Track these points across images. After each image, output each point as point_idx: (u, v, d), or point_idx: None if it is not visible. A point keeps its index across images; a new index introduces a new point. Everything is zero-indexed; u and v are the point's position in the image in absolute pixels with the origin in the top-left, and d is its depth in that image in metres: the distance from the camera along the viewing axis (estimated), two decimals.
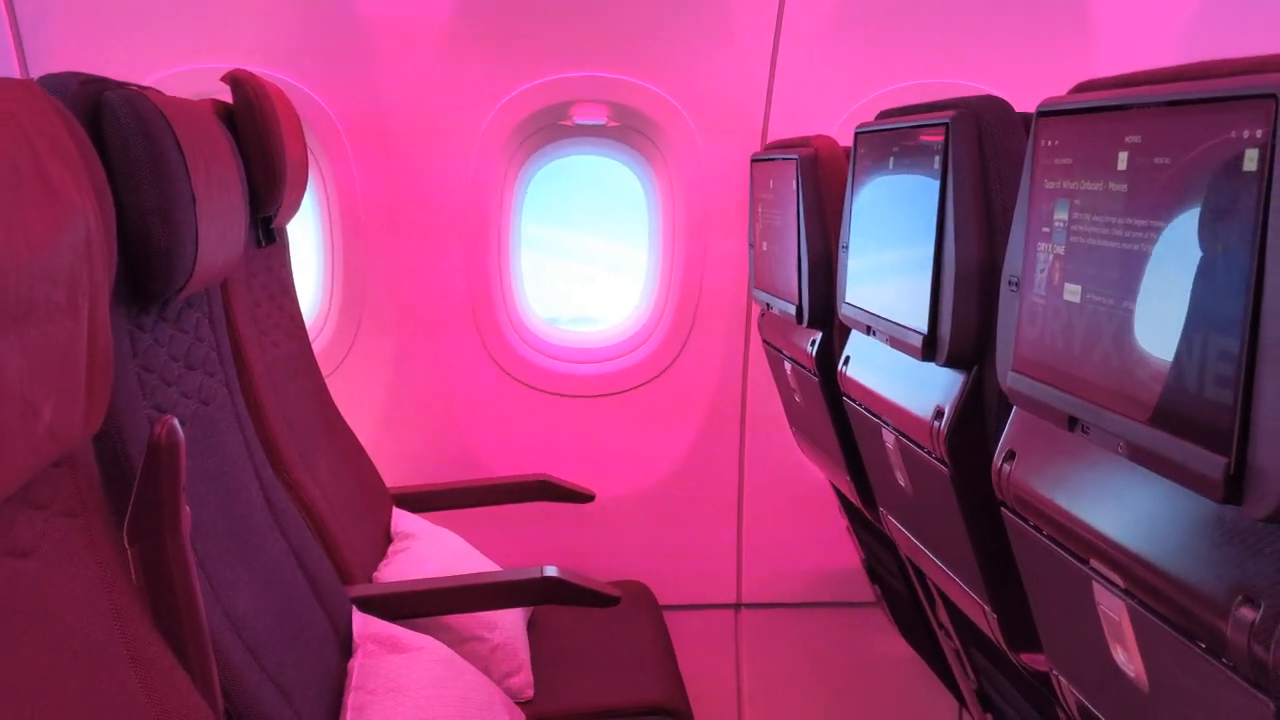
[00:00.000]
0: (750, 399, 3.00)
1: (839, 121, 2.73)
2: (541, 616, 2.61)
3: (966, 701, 2.39)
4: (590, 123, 2.86)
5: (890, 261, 1.82)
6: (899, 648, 2.96)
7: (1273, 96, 0.90)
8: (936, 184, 1.61)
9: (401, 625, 1.98)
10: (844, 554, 3.02)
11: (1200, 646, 1.03)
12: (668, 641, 2.63)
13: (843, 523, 2.94)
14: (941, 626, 2.29)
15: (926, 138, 1.65)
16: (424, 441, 2.97)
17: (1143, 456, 1.08)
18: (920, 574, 2.29)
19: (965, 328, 1.56)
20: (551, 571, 2.18)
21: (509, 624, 2.31)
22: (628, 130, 2.90)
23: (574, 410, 3.01)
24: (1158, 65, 1.15)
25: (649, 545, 3.03)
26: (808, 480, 3.01)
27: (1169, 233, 1.04)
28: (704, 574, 3.08)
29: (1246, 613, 0.94)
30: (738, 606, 3.11)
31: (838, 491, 2.77)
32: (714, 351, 2.99)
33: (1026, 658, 1.65)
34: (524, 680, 2.23)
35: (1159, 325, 1.05)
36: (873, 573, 2.84)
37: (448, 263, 2.91)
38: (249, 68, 2.24)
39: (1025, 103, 1.60)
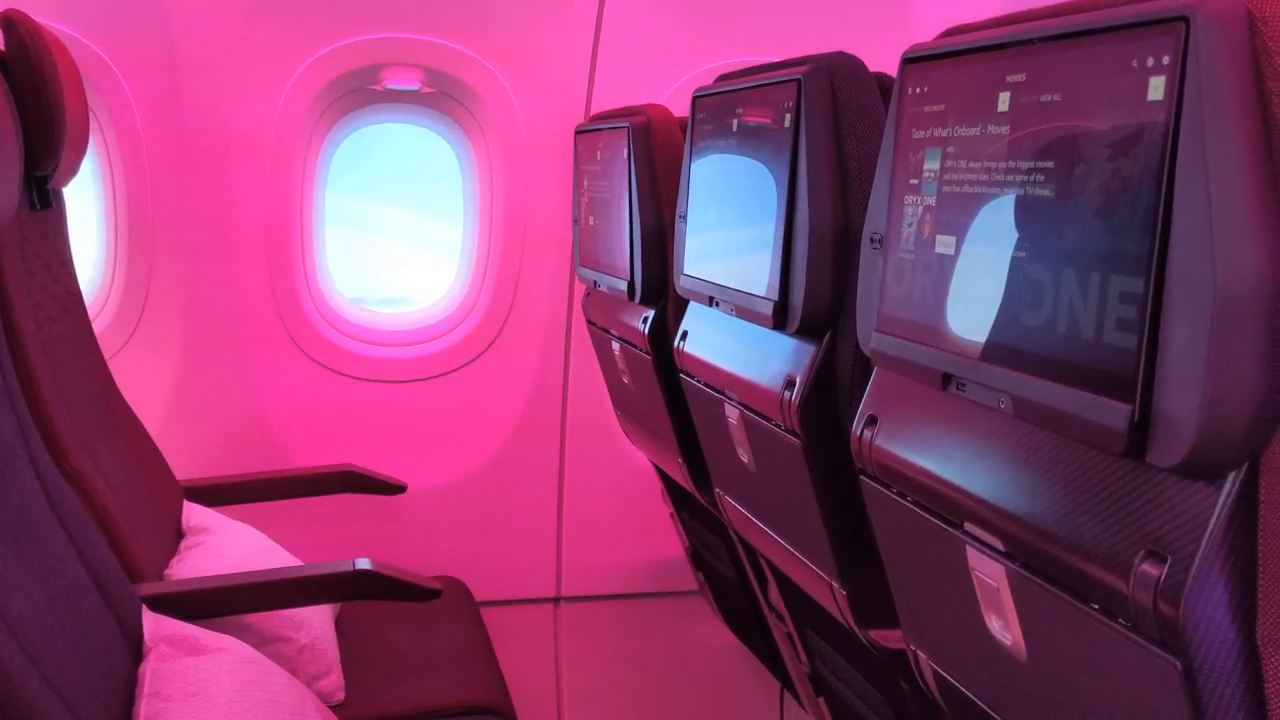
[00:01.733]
0: (572, 383, 2.89)
1: (666, 94, 2.65)
2: (350, 615, 2.44)
3: (796, 686, 2.34)
4: (402, 88, 2.69)
5: (735, 229, 1.75)
6: (721, 636, 2.91)
7: (1184, 19, 0.85)
8: (787, 145, 1.53)
9: (198, 625, 1.79)
10: (667, 542, 2.95)
11: (1094, 608, 0.97)
12: (486, 638, 2.51)
13: (666, 510, 2.87)
14: (773, 609, 2.24)
15: (776, 96, 1.58)
16: (218, 430, 2.75)
17: (1030, 411, 1.02)
18: (752, 557, 2.23)
19: (819, 293, 1.50)
20: (364, 564, 2.03)
21: (316, 622, 2.14)
22: (443, 97, 2.75)
23: (383, 397, 2.84)
24: None
25: (464, 539, 2.89)
26: (630, 467, 2.93)
27: (1060, 171, 0.99)
28: (523, 567, 2.96)
29: (1150, 569, 0.89)
30: (557, 600, 3.00)
31: (663, 477, 2.70)
32: (534, 334, 2.87)
33: (876, 634, 1.60)
34: (334, 683, 2.07)
35: (1051, 270, 0.99)
36: (697, 559, 2.78)
37: (245, 236, 2.69)
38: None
39: None
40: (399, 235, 3.15)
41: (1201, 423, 0.83)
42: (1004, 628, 1.15)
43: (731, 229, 1.77)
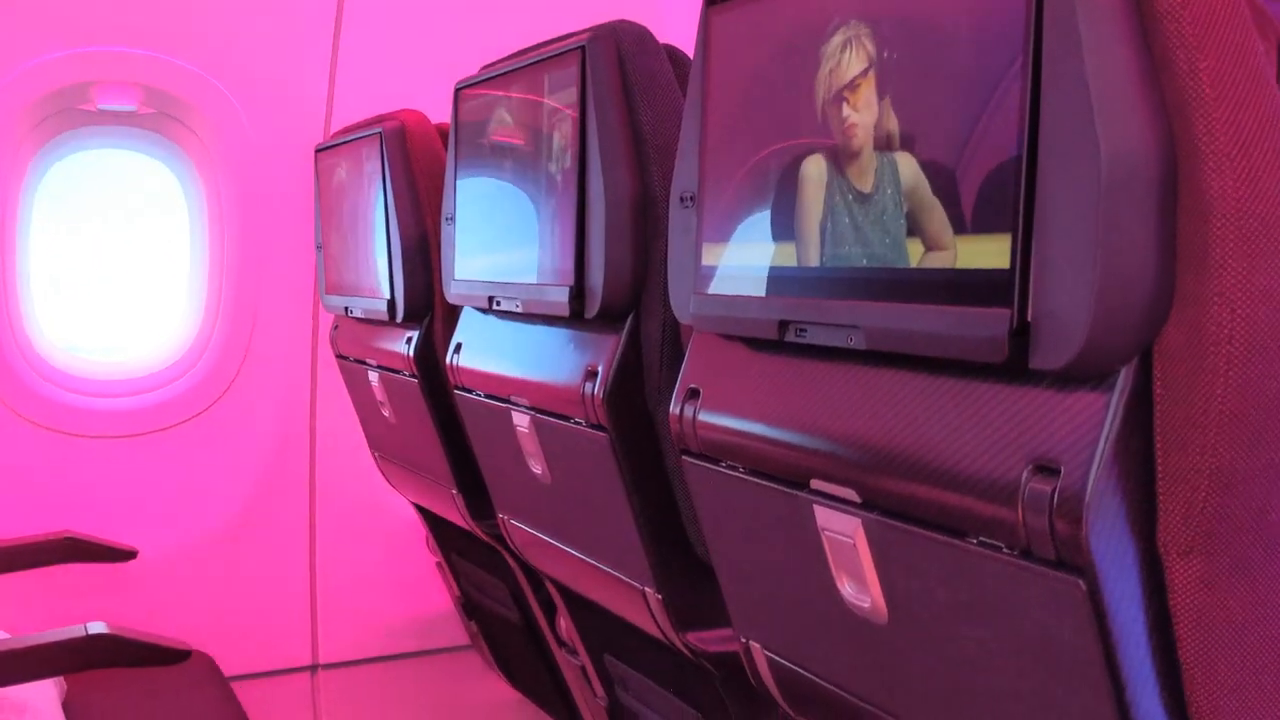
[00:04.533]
0: (320, 428, 2.67)
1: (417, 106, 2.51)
2: (80, 696, 2.13)
3: None
4: (117, 108, 2.43)
5: (514, 221, 1.63)
6: (498, 689, 2.74)
7: None
8: (572, 119, 1.44)
9: None
10: (434, 596, 2.76)
11: (973, 542, 0.90)
12: (240, 712, 2.24)
13: (433, 560, 2.68)
14: (563, 644, 2.10)
15: (555, 70, 1.48)
16: None
17: (888, 339, 0.95)
18: (538, 589, 2.09)
19: (620, 271, 1.40)
20: (99, 628, 1.76)
21: (41, 705, 1.85)
22: (164, 118, 2.51)
23: (105, 453, 2.54)
24: None
25: (208, 607, 2.61)
26: (390, 518, 2.73)
27: (903, 73, 0.93)
28: (274, 635, 2.69)
29: (1041, 485, 0.83)
30: (314, 668, 2.74)
31: (430, 522, 2.52)
32: (274, 377, 2.64)
33: (694, 638, 1.50)
34: None
35: (896, 184, 0.93)
36: (470, 608, 2.60)
37: None
38: None
39: None
40: (116, 273, 2.84)
41: (1094, 314, 0.78)
42: (859, 590, 1.06)
43: (510, 222, 1.65)
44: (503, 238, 1.67)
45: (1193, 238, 0.76)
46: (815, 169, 1.04)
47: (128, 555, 2.37)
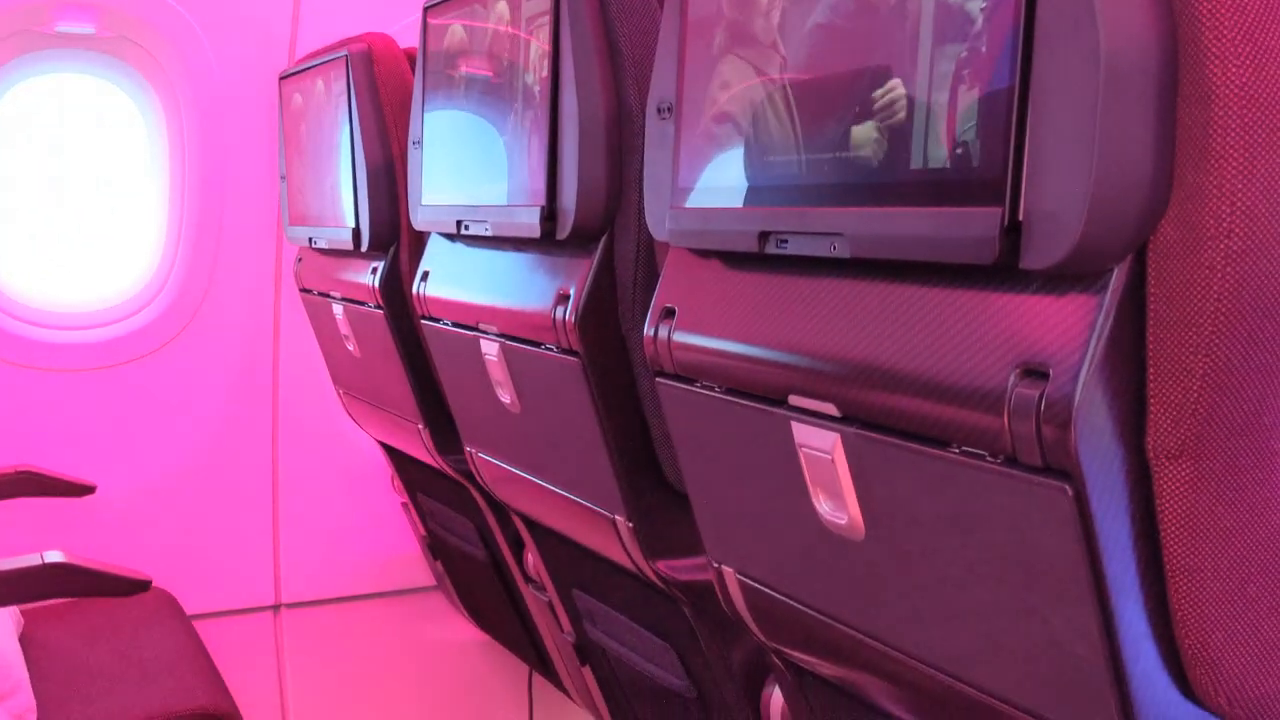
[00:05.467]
0: (284, 364, 2.63)
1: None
2: (36, 632, 2.09)
3: (558, 662, 2.19)
4: (75, 29, 2.36)
5: (483, 143, 1.59)
6: (463, 629, 2.73)
7: None
8: (545, 32, 1.40)
9: None
10: (399, 536, 2.73)
11: (955, 451, 0.88)
12: (201, 649, 2.21)
13: (398, 500, 2.65)
14: (530, 581, 2.08)
15: None
16: None
17: (874, 245, 0.92)
18: (507, 526, 2.07)
19: (594, 189, 1.36)
20: (55, 557, 1.73)
21: None
22: (124, 42, 2.43)
23: (63, 387, 2.49)
24: None
25: (168, 545, 2.56)
26: (355, 457, 2.69)
27: None
28: (237, 574, 2.66)
29: (1028, 390, 0.80)
30: (277, 608, 2.71)
31: (396, 461, 2.48)
32: (237, 311, 2.58)
33: (665, 566, 1.48)
34: (25, 703, 1.76)
35: (882, 81, 0.90)
36: (435, 548, 2.57)
37: None
38: None
39: None
40: (75, 203, 2.76)
41: (1090, 210, 0.75)
42: (836, 507, 1.04)
43: (479, 145, 1.61)
44: (472, 161, 1.63)
45: (1193, 128, 0.74)
46: (797, 75, 1.01)
47: (86, 490, 2.33)
